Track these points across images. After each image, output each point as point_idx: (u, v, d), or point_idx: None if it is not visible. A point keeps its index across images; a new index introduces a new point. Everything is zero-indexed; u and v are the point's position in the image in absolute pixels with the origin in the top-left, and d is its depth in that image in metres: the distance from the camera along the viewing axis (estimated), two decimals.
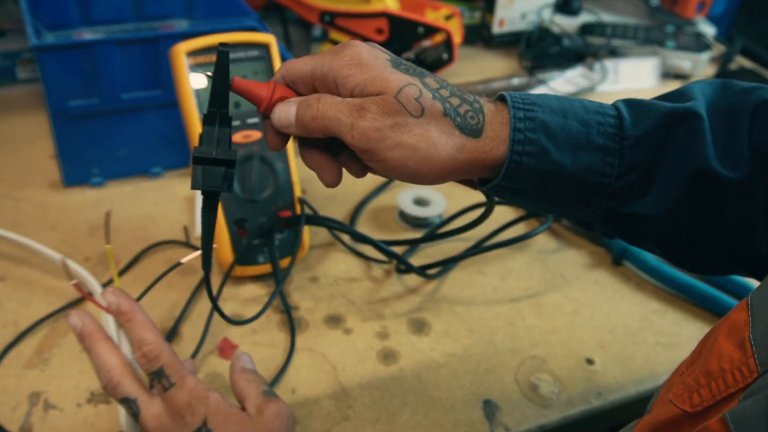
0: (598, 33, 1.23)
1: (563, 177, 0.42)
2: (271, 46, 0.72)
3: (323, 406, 0.61)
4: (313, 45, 1.21)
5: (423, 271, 0.74)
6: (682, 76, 1.25)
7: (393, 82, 0.41)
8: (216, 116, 0.44)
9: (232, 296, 0.71)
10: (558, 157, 0.42)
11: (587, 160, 0.42)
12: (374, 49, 0.44)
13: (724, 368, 0.34)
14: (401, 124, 0.41)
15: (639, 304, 0.75)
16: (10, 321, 0.66)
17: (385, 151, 0.41)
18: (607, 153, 0.42)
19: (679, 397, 0.35)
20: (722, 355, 0.34)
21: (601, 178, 0.43)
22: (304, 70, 0.44)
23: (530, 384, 0.64)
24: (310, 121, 0.42)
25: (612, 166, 0.43)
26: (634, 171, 0.43)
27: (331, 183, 0.46)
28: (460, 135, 0.42)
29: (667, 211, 0.43)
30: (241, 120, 0.70)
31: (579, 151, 0.42)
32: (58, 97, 0.76)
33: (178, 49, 0.68)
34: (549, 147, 0.42)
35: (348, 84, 0.42)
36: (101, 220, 0.79)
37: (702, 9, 1.31)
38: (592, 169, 0.42)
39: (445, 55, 1.07)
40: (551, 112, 0.43)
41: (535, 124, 0.42)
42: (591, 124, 0.43)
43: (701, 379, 0.35)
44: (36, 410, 0.58)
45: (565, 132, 0.42)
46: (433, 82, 0.43)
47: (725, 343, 0.35)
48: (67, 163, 0.82)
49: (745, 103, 0.43)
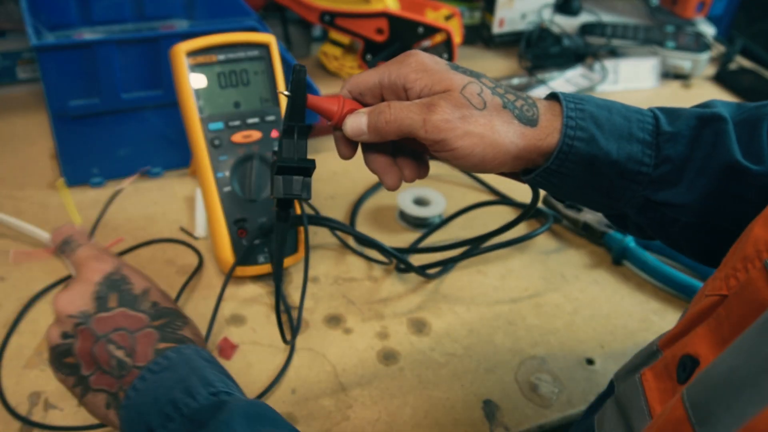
0: (598, 33, 1.23)
1: (608, 163, 0.47)
2: (271, 46, 0.72)
3: (323, 406, 0.61)
4: (313, 45, 1.21)
5: (423, 271, 0.74)
6: (682, 76, 1.25)
7: (457, 81, 0.46)
8: (294, 129, 0.48)
9: (232, 296, 0.71)
10: (604, 144, 0.47)
11: (629, 149, 0.47)
12: (433, 56, 0.49)
13: (759, 249, 0.37)
14: (468, 116, 0.45)
15: (639, 304, 0.75)
16: (11, 321, 0.66)
17: (455, 140, 0.45)
18: (646, 145, 0.48)
19: (716, 288, 0.39)
20: (758, 240, 0.38)
21: (640, 167, 0.48)
22: (371, 81, 0.48)
23: (530, 384, 0.64)
24: (384, 126, 0.47)
25: (650, 157, 0.48)
26: (668, 163, 0.48)
27: (392, 186, 0.50)
28: (519, 124, 0.47)
29: (696, 200, 0.48)
30: (241, 120, 0.70)
31: (622, 141, 0.47)
32: (58, 97, 0.76)
33: (178, 49, 0.68)
34: (597, 134, 0.47)
35: (416, 87, 0.47)
36: (102, 220, 0.78)
37: (702, 9, 1.31)
38: (633, 158, 0.47)
39: (445, 55, 1.07)
40: (598, 107, 0.48)
41: (585, 114, 0.47)
42: (632, 119, 0.48)
43: (738, 265, 0.38)
44: (36, 410, 0.58)
45: (610, 123, 0.48)
46: (489, 82, 0.48)
47: (761, 230, 0.38)
48: (67, 163, 0.82)
49: (762, 112, 0.49)
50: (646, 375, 0.42)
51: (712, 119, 0.48)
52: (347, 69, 1.14)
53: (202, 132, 0.69)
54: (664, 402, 0.40)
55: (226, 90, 0.70)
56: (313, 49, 1.21)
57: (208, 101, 0.69)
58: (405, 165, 0.50)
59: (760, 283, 0.35)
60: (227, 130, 0.70)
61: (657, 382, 0.41)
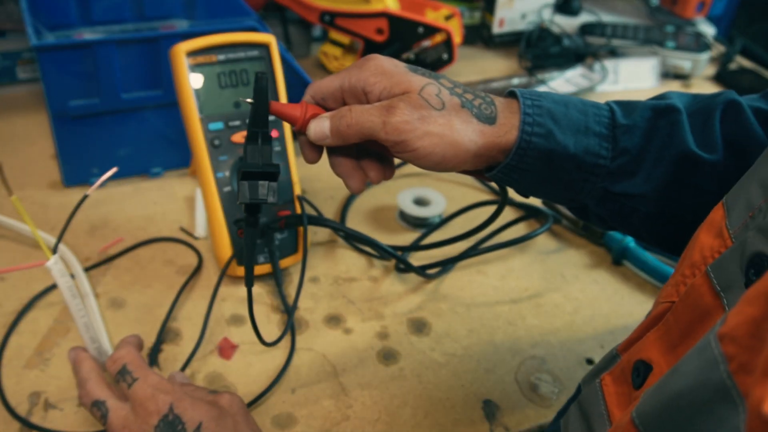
0: (598, 33, 1.23)
1: (566, 156, 0.48)
2: (271, 46, 0.72)
3: (323, 406, 0.61)
4: (313, 45, 1.21)
5: (423, 271, 0.74)
6: (682, 76, 1.25)
7: (415, 82, 0.47)
8: (258, 135, 0.49)
9: (231, 296, 0.71)
10: (561, 139, 0.48)
11: (586, 142, 0.49)
12: (392, 59, 0.50)
13: (705, 255, 0.39)
14: (426, 116, 0.46)
15: (639, 304, 0.75)
16: (10, 321, 0.66)
17: (415, 140, 0.46)
18: (603, 138, 0.49)
19: (668, 295, 0.41)
20: (703, 246, 0.40)
21: (597, 159, 0.49)
22: (333, 86, 0.50)
23: (530, 384, 0.64)
24: (346, 129, 0.47)
25: (607, 150, 0.49)
26: (625, 155, 0.49)
27: (356, 189, 0.52)
28: (478, 122, 0.48)
29: (653, 190, 0.49)
30: (241, 120, 0.70)
31: (579, 134, 0.49)
32: (58, 97, 0.76)
33: (178, 49, 0.68)
34: (554, 129, 0.48)
35: (376, 90, 0.48)
36: (101, 220, 0.79)
37: (702, 9, 1.31)
38: (590, 151, 0.49)
39: (445, 55, 1.08)
40: (555, 102, 0.49)
41: (542, 110, 0.48)
42: (588, 113, 0.49)
43: (686, 271, 0.40)
44: (36, 410, 0.58)
45: (567, 118, 0.49)
46: (448, 83, 0.49)
47: (705, 236, 0.40)
48: (67, 163, 0.82)
49: (715, 102, 0.51)
50: (605, 380, 0.44)
51: (666, 110, 0.50)
52: None
53: (202, 132, 0.69)
54: (622, 407, 0.41)
55: (226, 90, 0.70)
56: (313, 49, 1.21)
57: (208, 101, 0.69)
58: (370, 167, 0.51)
59: (703, 289, 0.37)
60: (227, 130, 0.70)
61: (615, 387, 0.43)
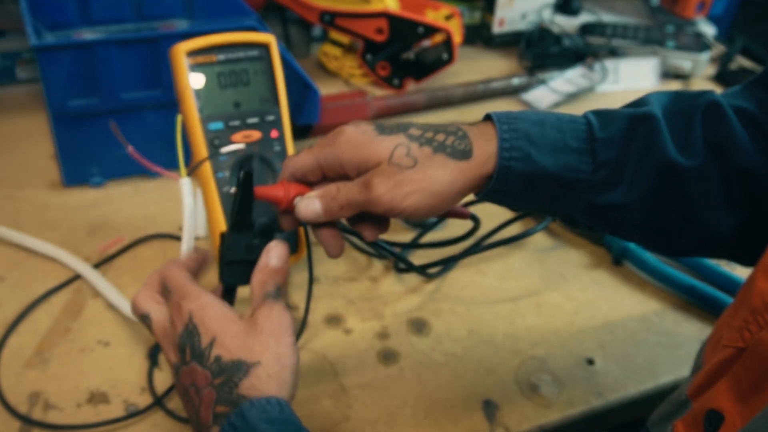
0: (598, 33, 1.23)
1: (546, 176, 0.49)
2: (271, 46, 0.72)
3: (323, 406, 0.61)
4: (313, 45, 1.21)
5: (423, 270, 0.74)
6: (682, 76, 1.25)
7: (383, 151, 0.48)
8: (242, 225, 0.51)
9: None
10: (540, 160, 0.48)
11: (565, 160, 0.49)
12: (359, 126, 0.50)
13: (766, 302, 0.39)
14: (402, 180, 0.48)
15: (639, 304, 0.75)
16: (11, 321, 0.65)
17: (399, 205, 0.48)
18: (581, 153, 0.49)
19: (732, 340, 0.41)
20: (763, 293, 0.40)
21: (578, 174, 0.49)
22: (309, 164, 0.51)
23: (530, 384, 0.64)
24: (338, 210, 0.50)
25: (587, 164, 0.49)
26: (606, 167, 0.49)
27: (336, 254, 0.54)
28: (454, 161, 0.49)
29: (637, 199, 0.50)
30: (240, 120, 0.70)
31: (557, 153, 0.49)
32: (58, 97, 0.76)
33: (178, 49, 0.68)
34: (532, 151, 0.49)
35: (351, 166, 0.49)
36: (101, 220, 0.79)
37: (702, 9, 1.31)
38: (569, 168, 0.49)
39: (445, 55, 1.07)
40: (531, 123, 0.49)
41: (518, 133, 0.49)
42: (565, 130, 0.50)
43: (749, 317, 0.40)
44: (36, 410, 0.58)
45: (543, 138, 0.49)
46: (417, 131, 0.50)
47: (763, 282, 0.41)
48: (67, 163, 0.82)
49: (696, 104, 0.51)
50: (678, 427, 0.44)
51: (643, 119, 0.50)
52: (347, 69, 1.14)
53: (202, 132, 0.69)
54: None
55: (226, 90, 0.70)
56: (313, 49, 1.21)
57: (208, 101, 0.69)
58: (365, 228, 0.53)
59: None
60: (227, 130, 0.70)
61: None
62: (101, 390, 0.60)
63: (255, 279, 0.49)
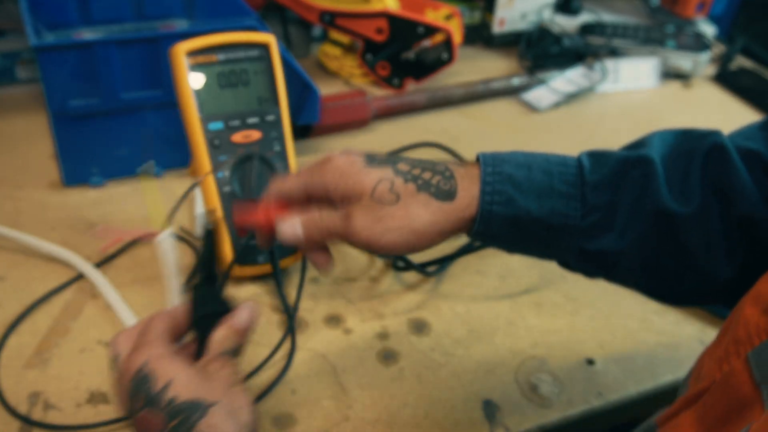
0: (598, 33, 1.23)
1: (531, 221, 0.48)
2: (271, 46, 0.72)
3: (323, 406, 0.61)
4: (313, 45, 1.21)
5: (422, 268, 0.74)
6: (682, 76, 1.25)
7: (367, 184, 0.48)
8: (209, 279, 0.52)
9: (231, 296, 0.71)
10: (524, 204, 0.48)
11: (551, 204, 0.48)
12: (349, 155, 0.51)
13: (751, 333, 0.36)
14: (383, 215, 0.48)
15: (639, 304, 0.75)
16: (11, 321, 0.65)
17: (377, 240, 0.48)
18: (570, 198, 0.48)
19: (710, 371, 0.39)
20: (748, 323, 0.37)
21: (566, 219, 0.48)
22: (296, 188, 0.52)
23: (530, 384, 0.64)
24: (319, 236, 0.51)
25: (575, 209, 0.48)
26: (597, 211, 0.48)
27: (325, 270, 0.54)
28: (437, 202, 0.48)
29: (631, 245, 0.48)
30: (241, 120, 0.70)
31: (543, 197, 0.48)
32: (58, 97, 0.76)
33: (178, 49, 0.68)
34: (515, 195, 0.48)
35: (336, 194, 0.50)
36: (101, 220, 0.79)
37: (702, 9, 1.31)
38: (556, 212, 0.48)
39: (445, 55, 1.07)
40: (517, 166, 0.49)
41: (502, 176, 0.49)
42: (553, 173, 0.49)
43: (730, 348, 0.37)
44: (36, 410, 0.58)
45: (529, 181, 0.48)
46: (405, 166, 0.50)
47: (751, 311, 0.38)
48: (67, 163, 0.82)
49: (699, 146, 0.49)
50: None
51: (638, 162, 0.49)
52: (347, 69, 1.14)
53: (201, 132, 0.69)
54: None
55: (226, 90, 0.70)
56: (313, 49, 1.21)
57: (208, 101, 0.69)
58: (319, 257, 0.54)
59: (743, 378, 0.35)
60: (227, 130, 0.70)
61: None
62: (101, 390, 0.60)
63: (218, 332, 0.50)
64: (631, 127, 1.10)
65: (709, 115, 1.16)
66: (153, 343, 0.48)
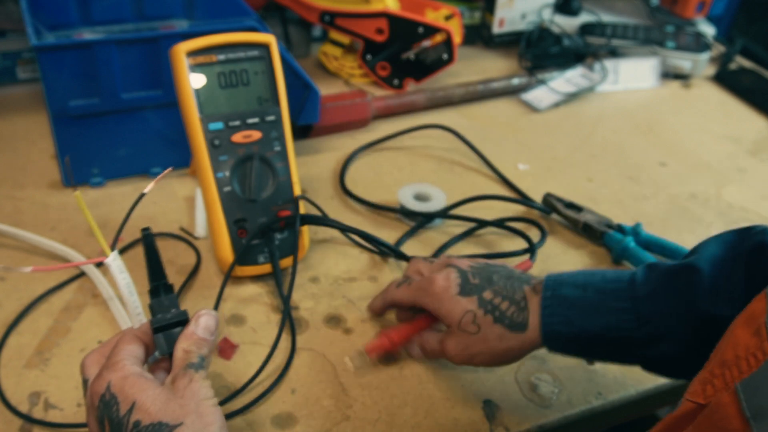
0: (598, 33, 1.23)
1: (590, 337, 0.53)
2: (271, 46, 0.72)
3: (323, 406, 0.61)
4: (313, 45, 1.21)
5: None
6: (682, 76, 1.25)
7: (456, 315, 0.57)
8: (159, 288, 0.53)
9: (231, 296, 0.71)
10: (580, 324, 0.53)
11: (606, 321, 0.53)
12: (448, 279, 0.59)
13: (738, 355, 0.36)
14: (469, 344, 0.57)
15: None
16: (11, 321, 0.66)
17: (470, 362, 0.58)
18: (623, 312, 0.52)
19: (694, 393, 0.38)
20: (738, 344, 0.37)
21: (621, 332, 0.52)
22: (405, 300, 0.62)
23: (530, 384, 0.64)
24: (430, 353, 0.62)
25: (629, 322, 0.52)
26: (650, 323, 0.51)
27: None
28: (511, 333, 0.56)
29: (685, 351, 0.50)
30: (241, 120, 0.70)
31: (598, 315, 0.53)
32: (58, 97, 0.76)
33: (178, 49, 0.68)
34: (572, 316, 0.54)
35: (434, 313, 0.60)
36: (101, 220, 0.79)
37: (702, 9, 1.31)
38: (612, 327, 0.52)
39: (445, 55, 1.07)
40: (574, 287, 0.55)
41: (560, 299, 0.54)
42: (607, 291, 0.53)
43: (716, 370, 0.37)
44: (36, 410, 0.58)
45: (584, 302, 0.54)
46: (490, 294, 0.57)
47: (741, 332, 0.37)
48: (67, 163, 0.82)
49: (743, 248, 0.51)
50: None
51: (683, 271, 0.52)
52: (347, 69, 1.14)
53: (202, 132, 0.69)
54: None
55: (226, 90, 0.70)
56: (313, 49, 1.21)
57: (208, 101, 0.69)
58: None
59: (731, 411, 0.33)
60: (227, 130, 0.70)
61: None
62: None
63: (179, 345, 0.49)
64: (631, 127, 1.10)
65: (709, 115, 1.16)
66: (116, 365, 0.47)
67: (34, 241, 0.74)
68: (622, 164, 1.00)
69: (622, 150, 1.03)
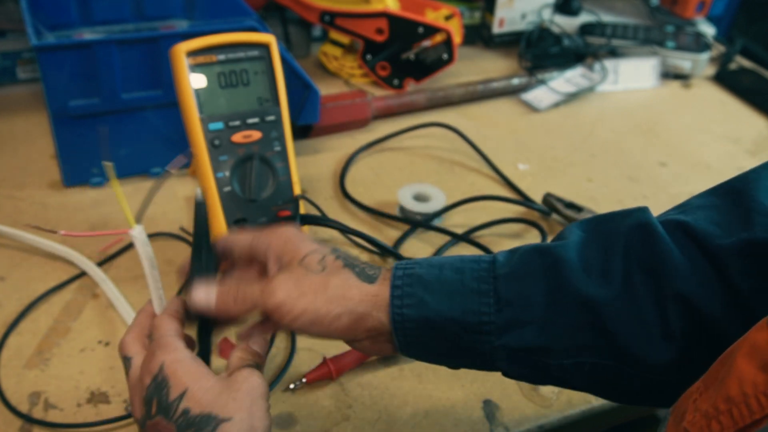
0: (598, 33, 1.23)
1: (445, 321, 0.46)
2: (271, 46, 0.72)
3: (323, 406, 0.61)
4: (313, 45, 1.21)
5: None
6: (682, 76, 1.25)
7: (301, 252, 0.49)
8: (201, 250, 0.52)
9: None
10: (435, 305, 0.46)
11: (463, 302, 0.46)
12: (301, 232, 0.52)
13: (746, 393, 0.33)
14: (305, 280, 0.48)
15: None
16: (11, 321, 0.66)
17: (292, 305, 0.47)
18: (482, 294, 0.46)
19: (696, 426, 0.35)
20: (743, 379, 0.33)
21: (480, 317, 0.45)
22: (244, 243, 0.53)
23: (530, 384, 0.64)
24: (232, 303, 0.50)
25: (488, 305, 0.46)
26: (511, 306, 0.45)
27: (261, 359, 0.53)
28: (357, 280, 0.48)
29: (556, 341, 0.45)
30: (241, 120, 0.70)
31: (454, 296, 0.46)
32: (58, 97, 0.76)
33: (178, 49, 0.68)
34: (425, 296, 0.46)
35: (273, 255, 0.50)
36: (101, 220, 0.79)
37: (702, 9, 1.31)
38: (469, 310, 0.46)
39: (445, 55, 1.08)
40: (429, 266, 0.48)
41: (412, 278, 0.47)
42: (465, 271, 0.47)
43: (721, 406, 0.34)
44: (36, 410, 0.58)
45: (439, 282, 0.47)
46: (344, 252, 0.50)
47: (746, 365, 0.34)
48: (67, 163, 0.82)
49: (621, 226, 0.46)
50: None
51: (546, 251, 0.46)
52: (347, 69, 1.14)
53: (202, 132, 0.69)
54: None
55: (226, 90, 0.70)
56: (313, 49, 1.21)
57: (208, 101, 0.69)
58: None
59: None
60: (227, 130, 0.70)
61: None
62: (101, 390, 0.60)
63: (234, 354, 0.49)
64: (631, 127, 1.10)
65: (709, 115, 1.16)
66: (168, 346, 0.47)
67: (34, 241, 0.74)
68: (622, 164, 1.00)
69: (622, 150, 1.03)
